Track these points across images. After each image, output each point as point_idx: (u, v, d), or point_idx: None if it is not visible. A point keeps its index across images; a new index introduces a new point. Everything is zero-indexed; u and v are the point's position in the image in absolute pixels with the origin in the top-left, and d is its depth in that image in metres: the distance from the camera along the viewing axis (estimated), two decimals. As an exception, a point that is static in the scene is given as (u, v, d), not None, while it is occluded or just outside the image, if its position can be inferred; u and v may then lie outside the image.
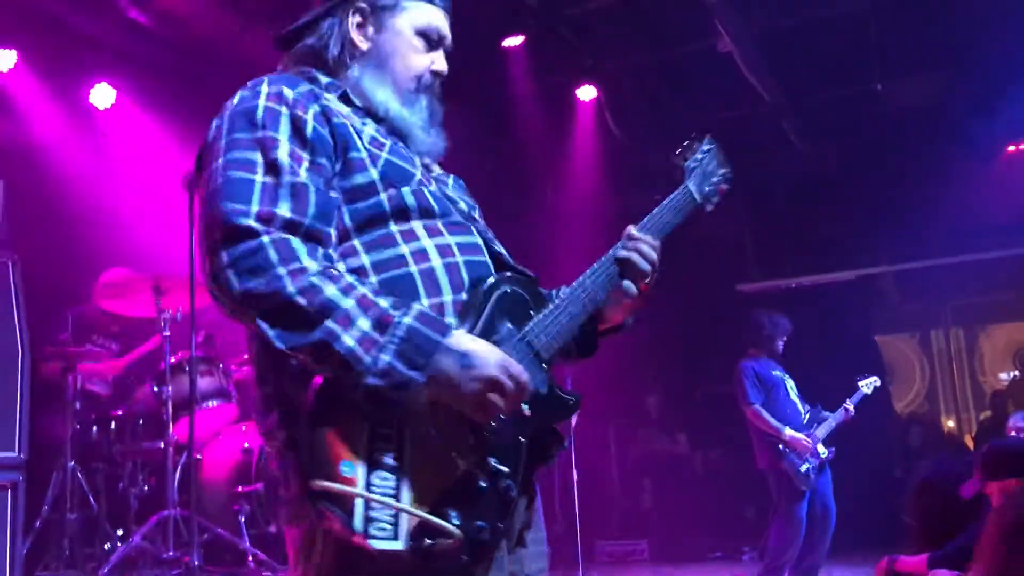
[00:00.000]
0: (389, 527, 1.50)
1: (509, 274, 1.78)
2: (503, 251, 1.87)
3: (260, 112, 1.68)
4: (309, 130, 1.68)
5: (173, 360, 5.41)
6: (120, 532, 5.32)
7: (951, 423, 12.52)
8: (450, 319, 1.66)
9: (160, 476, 5.40)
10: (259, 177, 1.61)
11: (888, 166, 8.58)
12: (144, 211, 6.52)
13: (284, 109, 1.69)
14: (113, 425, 5.53)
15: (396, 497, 1.52)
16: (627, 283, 1.88)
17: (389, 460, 1.52)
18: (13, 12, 5.61)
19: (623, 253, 1.88)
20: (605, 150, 8.38)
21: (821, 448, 5.92)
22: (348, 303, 1.52)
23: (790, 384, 6.17)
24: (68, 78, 6.31)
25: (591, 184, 8.48)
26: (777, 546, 5.93)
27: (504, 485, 1.63)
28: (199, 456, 5.56)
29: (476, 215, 1.92)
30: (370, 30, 1.89)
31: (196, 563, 4.72)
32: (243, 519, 5.30)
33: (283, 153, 1.64)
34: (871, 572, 4.81)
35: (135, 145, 6.68)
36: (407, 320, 1.54)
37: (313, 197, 1.63)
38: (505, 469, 1.63)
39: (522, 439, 1.69)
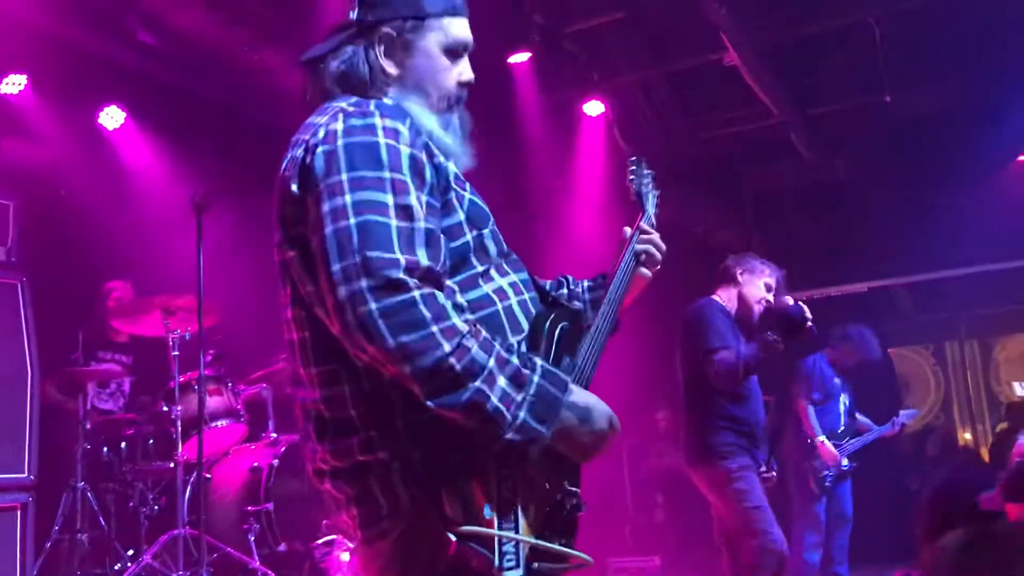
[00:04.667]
0: (514, 558, 1.69)
1: (560, 311, 1.92)
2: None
3: (384, 150, 1.69)
4: (428, 174, 1.74)
5: (182, 379, 5.42)
6: (130, 552, 5.31)
7: (967, 435, 12.43)
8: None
9: (170, 495, 5.40)
10: (393, 221, 1.63)
11: (898, 177, 8.54)
12: (153, 231, 6.55)
13: (404, 148, 1.71)
14: (123, 445, 5.53)
15: (516, 530, 1.72)
16: (644, 270, 2.20)
17: (510, 500, 1.71)
18: (24, 36, 5.65)
19: (640, 247, 2.20)
20: (613, 165, 8.37)
21: (845, 461, 6.19)
22: (491, 363, 1.63)
23: (843, 398, 6.48)
24: (78, 100, 6.35)
25: (599, 199, 8.47)
26: (802, 543, 6.15)
27: (574, 504, 1.82)
28: (209, 475, 5.56)
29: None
30: (398, 54, 1.88)
31: (206, 583, 4.72)
32: (253, 538, 5.28)
33: (413, 198, 1.68)
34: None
35: (144, 166, 6.72)
36: (536, 378, 1.67)
37: (443, 245, 1.74)
38: (575, 489, 1.84)
39: (579, 464, 1.87)
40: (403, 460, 1.70)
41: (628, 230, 2.23)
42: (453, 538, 1.64)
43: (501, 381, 1.62)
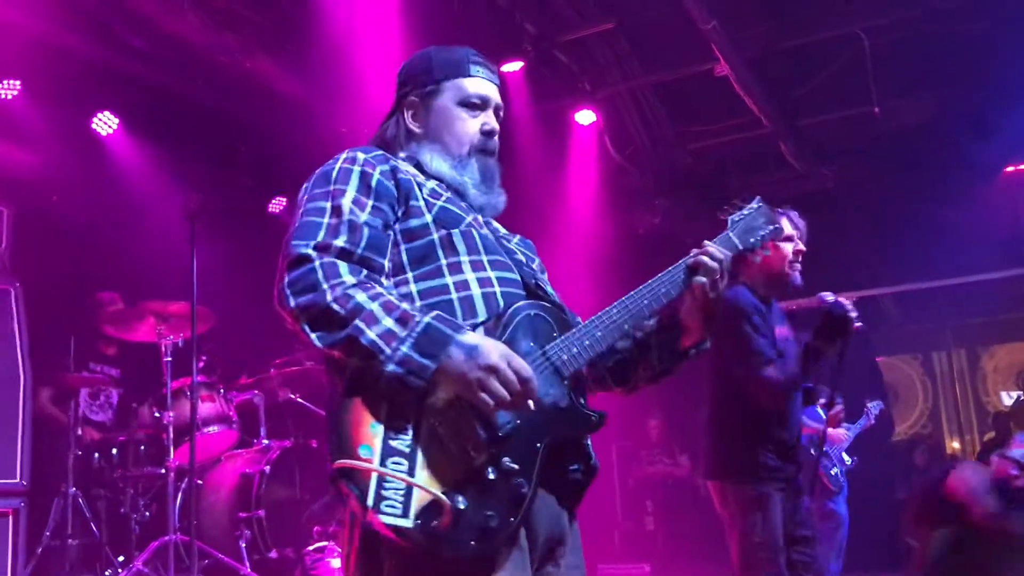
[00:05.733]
0: (399, 505, 1.68)
1: (533, 302, 2.00)
2: (552, 293, 2.10)
3: (335, 172, 2.02)
4: (374, 181, 2.01)
5: (174, 385, 5.42)
6: (121, 558, 5.30)
7: (955, 444, 12.48)
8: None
9: (161, 502, 5.40)
10: (325, 219, 1.93)
11: (887, 188, 8.60)
12: (147, 237, 6.56)
13: (356, 167, 2.02)
14: (114, 451, 5.53)
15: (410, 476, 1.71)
16: (699, 278, 2.08)
17: (402, 447, 1.74)
18: (17, 42, 5.66)
19: (691, 260, 2.11)
20: (604, 173, 8.42)
21: (846, 456, 6.20)
22: (374, 306, 1.80)
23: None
24: (71, 106, 6.35)
25: (590, 207, 8.51)
26: (822, 544, 6.04)
27: (516, 482, 1.79)
28: (200, 481, 5.56)
29: (535, 267, 2.20)
30: (420, 115, 2.21)
31: (197, 589, 4.72)
32: (244, 545, 5.29)
33: (347, 200, 1.96)
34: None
35: (138, 172, 6.72)
36: (427, 319, 1.80)
37: (367, 232, 1.93)
38: (516, 467, 1.79)
39: (539, 445, 1.85)
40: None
41: (696, 250, 2.16)
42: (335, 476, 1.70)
43: (386, 321, 1.78)
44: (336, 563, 5.28)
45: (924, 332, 12.26)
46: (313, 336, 1.80)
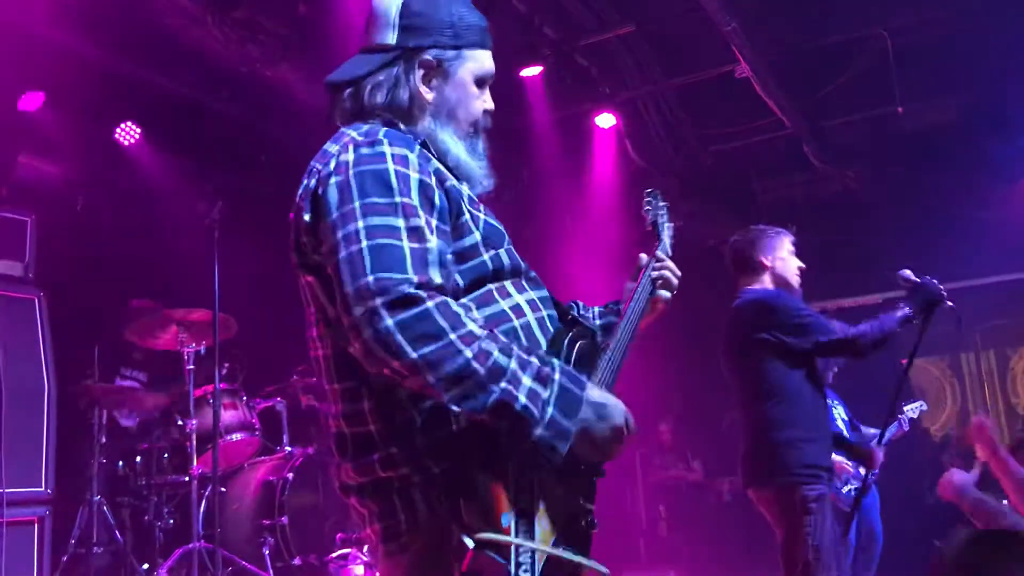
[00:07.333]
0: (529, 568, 1.67)
1: (579, 329, 1.91)
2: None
3: (393, 177, 1.72)
4: (437, 199, 1.76)
5: (197, 393, 5.44)
6: (146, 566, 5.33)
7: (984, 447, 12.32)
8: None
9: (185, 509, 5.42)
10: (405, 243, 1.66)
11: (911, 189, 8.52)
12: (170, 246, 6.59)
13: (413, 174, 1.74)
14: (139, 459, 5.56)
15: (533, 540, 1.70)
16: (664, 293, 2.22)
17: (527, 507, 1.69)
18: (41, 53, 5.71)
19: (655, 274, 2.22)
20: (625, 177, 8.39)
21: (863, 469, 5.95)
22: (512, 363, 1.65)
23: (838, 411, 6.16)
24: (94, 117, 6.40)
25: (611, 210, 8.48)
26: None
27: (590, 520, 1.82)
28: (224, 489, 5.58)
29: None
30: (434, 81, 1.93)
31: (221, 596, 4.73)
32: (267, 552, 5.30)
33: (423, 220, 1.71)
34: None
35: (161, 181, 6.76)
36: (557, 376, 1.69)
37: (452, 266, 1.75)
38: (591, 507, 1.84)
39: (594, 479, 1.88)
40: (424, 475, 1.72)
41: (644, 256, 2.26)
42: (471, 545, 1.63)
43: (526, 380, 1.65)
44: (359, 570, 5.28)
45: (951, 334, 12.12)
46: (445, 396, 1.62)
